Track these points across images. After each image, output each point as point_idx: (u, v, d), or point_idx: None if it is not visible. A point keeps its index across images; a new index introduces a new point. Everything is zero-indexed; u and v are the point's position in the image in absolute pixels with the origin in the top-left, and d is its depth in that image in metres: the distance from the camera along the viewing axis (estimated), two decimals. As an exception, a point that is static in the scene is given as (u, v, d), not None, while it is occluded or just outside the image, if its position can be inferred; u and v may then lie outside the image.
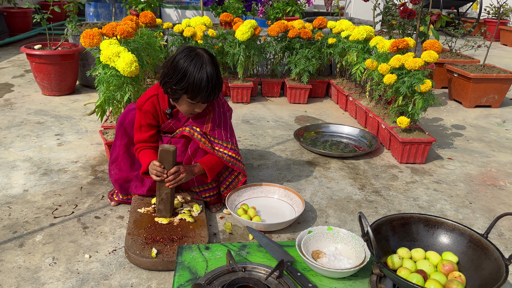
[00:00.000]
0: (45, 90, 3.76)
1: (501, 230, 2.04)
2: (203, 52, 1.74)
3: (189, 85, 1.69)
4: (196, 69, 1.68)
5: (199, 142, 1.88)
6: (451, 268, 1.49)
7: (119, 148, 1.99)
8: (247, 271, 1.53)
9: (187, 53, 1.72)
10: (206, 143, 1.89)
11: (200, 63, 1.69)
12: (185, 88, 1.70)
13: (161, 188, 1.86)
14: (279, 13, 4.69)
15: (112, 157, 2.02)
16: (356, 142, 3.00)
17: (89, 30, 2.37)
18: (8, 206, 2.05)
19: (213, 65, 1.72)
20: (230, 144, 1.95)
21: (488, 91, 3.89)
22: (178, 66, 1.70)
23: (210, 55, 1.75)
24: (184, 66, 1.69)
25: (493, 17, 7.85)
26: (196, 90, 1.70)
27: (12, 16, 6.27)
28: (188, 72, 1.68)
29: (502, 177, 2.61)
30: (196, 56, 1.71)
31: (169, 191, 1.85)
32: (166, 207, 1.89)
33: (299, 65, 3.71)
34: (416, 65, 2.60)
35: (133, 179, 2.03)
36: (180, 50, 1.75)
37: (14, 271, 1.62)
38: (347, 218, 2.08)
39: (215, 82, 1.72)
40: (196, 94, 1.72)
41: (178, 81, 1.70)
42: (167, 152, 1.78)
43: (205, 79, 1.68)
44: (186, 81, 1.69)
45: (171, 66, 1.72)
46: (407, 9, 3.37)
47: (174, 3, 5.33)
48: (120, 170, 2.01)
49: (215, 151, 1.92)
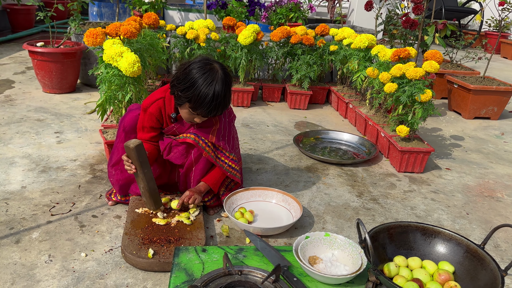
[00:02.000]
0: (46, 88, 3.76)
1: (497, 242, 2.04)
2: (218, 68, 1.73)
3: (194, 97, 1.69)
4: (206, 83, 1.68)
5: (203, 151, 1.90)
6: (447, 278, 1.49)
7: (121, 150, 1.98)
8: (244, 274, 1.52)
9: (202, 65, 1.71)
10: (209, 152, 1.91)
11: (211, 79, 1.69)
12: (189, 98, 1.70)
13: (138, 182, 1.87)
14: (282, 19, 4.71)
15: (113, 160, 2.02)
16: (355, 150, 3.01)
17: (93, 29, 2.38)
18: (6, 202, 2.04)
19: (224, 83, 1.71)
20: (233, 155, 1.99)
21: (488, 103, 3.91)
22: (189, 74, 1.70)
23: (225, 73, 1.73)
24: (194, 77, 1.69)
25: (494, 29, 7.90)
26: (199, 103, 1.70)
27: (15, 13, 6.27)
28: (196, 84, 1.68)
29: (500, 189, 2.62)
30: (210, 70, 1.70)
31: (145, 185, 1.83)
32: (147, 199, 1.88)
33: (300, 71, 3.73)
34: (417, 75, 2.61)
35: (134, 180, 2.04)
36: (198, 60, 1.75)
37: (9, 267, 1.62)
38: (344, 225, 2.08)
39: (220, 101, 1.71)
40: (197, 107, 1.71)
41: (185, 89, 1.70)
42: (128, 149, 1.75)
43: (210, 96, 1.68)
44: (192, 91, 1.69)
45: (183, 72, 1.72)
46: (410, 20, 3.39)
47: (177, 5, 5.35)
48: (122, 172, 2.01)
49: (217, 159, 1.94)
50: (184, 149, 1.94)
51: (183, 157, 1.95)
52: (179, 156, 1.95)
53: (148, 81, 3.69)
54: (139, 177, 1.83)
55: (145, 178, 1.81)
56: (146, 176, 1.82)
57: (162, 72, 4.16)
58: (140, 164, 1.77)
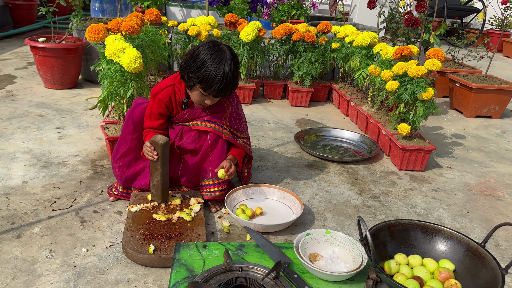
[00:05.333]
0: (47, 83, 3.76)
1: (498, 240, 2.04)
2: (226, 49, 1.80)
3: (204, 76, 1.75)
4: (215, 63, 1.75)
5: (222, 135, 1.97)
6: (447, 276, 1.49)
7: (130, 142, 2.01)
8: (244, 271, 1.53)
9: (210, 46, 1.79)
10: (228, 135, 2.00)
11: (220, 58, 1.76)
12: (200, 78, 1.77)
13: (153, 175, 1.92)
14: (284, 16, 4.70)
15: (121, 151, 2.02)
16: (356, 147, 3.01)
17: (95, 25, 2.37)
18: (7, 197, 2.05)
19: (232, 64, 1.79)
20: (244, 134, 2.12)
21: (489, 101, 3.90)
22: (198, 56, 1.78)
23: (232, 53, 1.81)
24: (204, 58, 1.76)
25: (496, 28, 7.88)
26: (210, 83, 1.76)
27: (17, 8, 6.26)
28: (206, 64, 1.75)
29: (501, 187, 2.62)
30: (219, 51, 1.78)
31: (160, 179, 1.91)
32: (158, 192, 1.95)
33: (302, 68, 3.72)
34: (419, 73, 2.61)
35: (141, 172, 2.05)
36: (205, 42, 1.82)
37: (10, 262, 1.62)
38: (345, 222, 2.08)
39: (229, 80, 1.78)
40: (208, 86, 1.78)
41: (195, 70, 1.77)
42: (156, 144, 1.84)
43: (220, 74, 1.75)
44: (202, 71, 1.75)
45: (193, 54, 1.80)
46: (412, 18, 3.38)
47: (179, 2, 5.34)
48: (129, 164, 2.03)
49: (237, 139, 2.06)
50: (196, 133, 1.98)
51: (195, 142, 1.99)
52: (191, 141, 1.98)
53: (149, 77, 3.69)
54: (157, 171, 1.89)
55: (162, 172, 1.90)
56: (164, 171, 1.90)
57: (163, 68, 4.16)
58: (163, 159, 1.87)
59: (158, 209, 1.94)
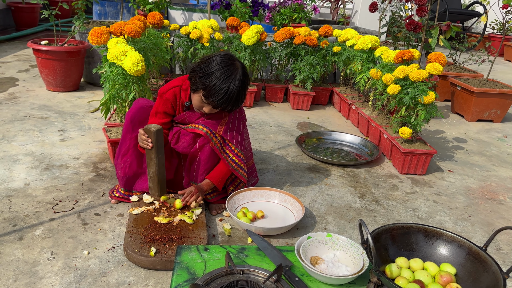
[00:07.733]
0: (49, 86, 3.77)
1: (499, 244, 2.04)
2: (239, 67, 1.81)
3: (209, 85, 1.76)
4: (223, 76, 1.76)
5: (210, 141, 1.94)
6: (449, 280, 1.49)
7: (129, 141, 2.01)
8: (245, 274, 1.53)
9: (225, 59, 1.79)
10: (216, 143, 1.95)
11: (229, 73, 1.76)
12: (205, 86, 1.78)
13: (149, 166, 1.95)
14: (286, 20, 4.71)
15: (122, 150, 2.03)
16: (358, 151, 3.01)
17: (97, 28, 2.38)
18: (9, 199, 2.05)
19: (241, 82, 1.78)
20: (238, 150, 2.00)
21: (491, 105, 3.90)
22: (211, 64, 1.79)
23: (244, 73, 1.81)
24: (214, 67, 1.77)
25: (497, 32, 7.88)
26: (212, 93, 1.77)
27: (20, 11, 6.29)
28: (214, 74, 1.76)
29: (502, 191, 2.62)
30: (232, 66, 1.79)
31: (156, 170, 1.93)
32: (154, 185, 1.98)
33: (303, 71, 3.73)
34: (420, 77, 2.61)
35: (142, 174, 2.06)
36: (222, 53, 1.83)
37: (12, 264, 1.63)
38: (346, 226, 2.08)
39: (232, 97, 1.78)
40: (209, 96, 1.78)
41: (203, 76, 1.78)
42: (149, 132, 1.87)
43: (224, 88, 1.75)
44: (208, 80, 1.76)
45: (207, 60, 1.81)
46: (414, 22, 3.38)
47: (181, 5, 5.36)
48: (130, 164, 2.04)
49: (223, 152, 1.98)
50: (191, 138, 1.98)
51: (190, 147, 1.99)
52: (186, 146, 1.99)
53: (151, 80, 3.70)
54: (152, 161, 1.92)
55: (158, 163, 1.91)
56: (159, 161, 1.92)
57: (165, 71, 4.17)
58: (157, 148, 1.89)
59: (159, 211, 1.94)
